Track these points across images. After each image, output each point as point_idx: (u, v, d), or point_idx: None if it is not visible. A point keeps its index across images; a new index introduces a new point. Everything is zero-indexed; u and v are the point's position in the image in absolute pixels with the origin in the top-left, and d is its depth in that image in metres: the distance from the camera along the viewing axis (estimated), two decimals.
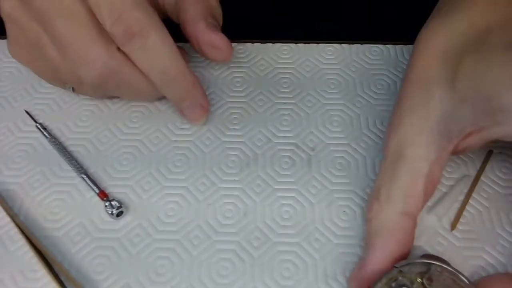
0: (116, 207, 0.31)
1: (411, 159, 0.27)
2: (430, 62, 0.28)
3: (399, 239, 0.27)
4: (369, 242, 0.28)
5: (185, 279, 0.29)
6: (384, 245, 0.27)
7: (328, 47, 0.41)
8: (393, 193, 0.27)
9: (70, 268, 0.30)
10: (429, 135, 0.27)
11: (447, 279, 0.25)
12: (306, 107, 0.38)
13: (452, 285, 0.25)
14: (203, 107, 0.34)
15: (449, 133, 0.27)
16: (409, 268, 0.26)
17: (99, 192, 0.32)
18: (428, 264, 0.26)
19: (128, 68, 0.31)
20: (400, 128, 0.28)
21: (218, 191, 0.33)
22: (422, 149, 0.27)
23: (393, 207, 0.27)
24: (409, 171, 0.27)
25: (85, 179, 0.33)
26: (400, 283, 0.25)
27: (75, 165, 0.34)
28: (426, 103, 0.28)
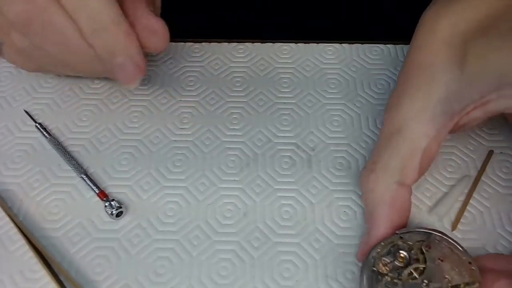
0: (116, 207, 0.31)
1: (410, 134, 0.28)
2: (435, 46, 0.28)
3: (398, 208, 0.28)
4: (370, 213, 0.28)
5: (185, 279, 0.29)
6: (385, 215, 0.28)
7: (328, 47, 0.41)
8: (390, 165, 0.28)
9: (69, 269, 0.30)
10: (431, 113, 0.28)
11: (445, 247, 0.26)
12: (306, 107, 0.38)
13: (449, 253, 0.26)
14: (139, 66, 0.30)
15: (452, 111, 0.28)
16: (410, 236, 0.27)
17: (98, 192, 0.32)
18: (428, 233, 0.27)
19: (54, 7, 0.28)
20: (401, 106, 0.29)
21: (218, 191, 0.33)
22: (422, 125, 0.28)
23: (390, 178, 0.28)
24: (407, 145, 0.28)
25: (84, 179, 0.33)
26: (399, 247, 0.26)
27: (75, 165, 0.34)
28: (430, 84, 0.28)
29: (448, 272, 0.25)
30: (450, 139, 0.36)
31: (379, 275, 0.25)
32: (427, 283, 0.25)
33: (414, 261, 0.26)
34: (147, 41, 0.31)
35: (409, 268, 0.25)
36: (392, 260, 0.26)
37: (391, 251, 0.26)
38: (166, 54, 0.41)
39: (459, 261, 0.26)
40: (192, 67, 0.40)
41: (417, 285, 0.25)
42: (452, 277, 0.25)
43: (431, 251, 0.26)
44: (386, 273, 0.25)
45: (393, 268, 0.26)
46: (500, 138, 0.36)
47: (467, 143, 0.35)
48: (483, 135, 0.36)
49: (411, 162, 0.28)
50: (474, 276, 0.25)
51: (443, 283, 0.25)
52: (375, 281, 0.25)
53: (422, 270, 0.25)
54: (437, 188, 0.33)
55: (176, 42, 0.42)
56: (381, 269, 0.26)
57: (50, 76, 0.39)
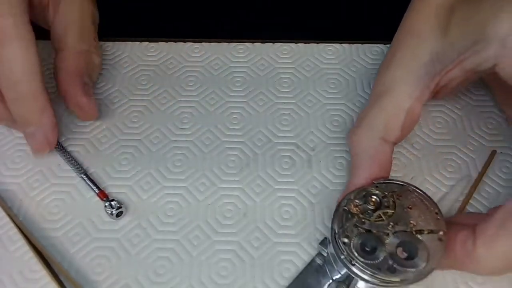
0: (116, 207, 0.31)
1: (396, 95, 0.30)
2: (425, 14, 0.31)
3: (379, 161, 0.30)
4: (353, 165, 0.31)
5: (185, 279, 0.29)
6: (366, 166, 0.30)
7: (328, 47, 0.41)
8: (375, 121, 0.30)
9: (69, 269, 0.30)
10: (416, 75, 0.30)
11: (415, 198, 0.28)
12: (306, 107, 0.37)
13: (418, 203, 0.28)
14: (48, 140, 0.32)
15: (434, 72, 0.30)
16: (386, 186, 0.29)
17: (98, 192, 0.32)
18: (402, 185, 0.29)
19: None
20: (391, 68, 0.31)
21: (218, 191, 0.33)
22: (408, 86, 0.30)
23: (374, 133, 0.30)
24: (392, 105, 0.30)
25: (84, 179, 0.33)
26: (372, 193, 0.28)
27: (75, 165, 0.34)
28: (418, 48, 0.30)
29: (414, 218, 0.27)
30: (450, 139, 0.36)
31: (350, 214, 0.27)
32: (392, 225, 0.27)
33: (385, 207, 0.28)
34: (77, 114, 0.34)
35: (379, 211, 0.27)
36: (363, 203, 0.28)
37: (365, 196, 0.28)
38: (166, 54, 0.41)
39: (426, 210, 0.28)
40: (192, 67, 0.40)
41: (383, 226, 0.27)
42: (417, 223, 0.27)
43: (401, 199, 0.28)
44: (356, 213, 0.27)
45: (364, 210, 0.28)
46: (501, 138, 0.36)
47: (467, 143, 0.35)
48: (483, 135, 0.36)
49: (395, 120, 0.30)
50: (439, 225, 0.27)
51: (407, 227, 0.27)
52: (345, 220, 0.27)
53: (391, 214, 0.27)
54: (437, 188, 0.33)
55: (176, 42, 0.42)
56: (352, 209, 0.28)
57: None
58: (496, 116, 0.37)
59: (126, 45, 0.41)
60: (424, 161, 0.34)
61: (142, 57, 0.41)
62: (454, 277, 0.29)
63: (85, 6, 0.37)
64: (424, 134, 0.36)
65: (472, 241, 0.26)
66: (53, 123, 0.32)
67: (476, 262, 0.26)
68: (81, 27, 0.36)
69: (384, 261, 0.26)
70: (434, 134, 0.36)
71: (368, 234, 0.27)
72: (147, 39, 0.42)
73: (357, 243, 0.26)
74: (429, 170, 0.34)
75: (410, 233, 0.27)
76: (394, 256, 0.26)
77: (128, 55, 0.41)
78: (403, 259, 0.26)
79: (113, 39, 0.42)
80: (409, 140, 0.35)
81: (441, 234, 0.27)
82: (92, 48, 0.36)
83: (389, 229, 0.27)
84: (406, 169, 0.34)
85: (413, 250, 0.26)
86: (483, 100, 0.38)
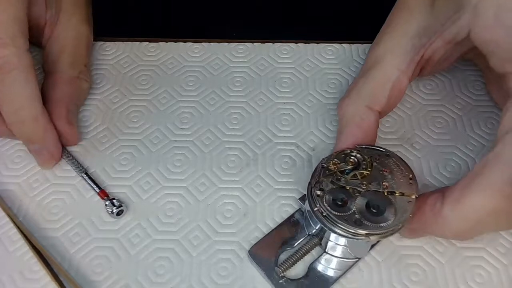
0: (117, 206, 0.31)
1: (384, 67, 0.32)
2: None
3: (364, 129, 0.31)
4: (339, 131, 0.32)
5: (185, 279, 0.29)
6: (351, 132, 0.31)
7: (328, 47, 0.41)
8: (363, 91, 0.32)
9: (69, 269, 0.30)
10: (404, 48, 0.32)
11: (392, 162, 0.30)
12: (306, 107, 0.37)
13: (394, 167, 0.29)
14: (53, 156, 0.33)
15: (420, 46, 0.31)
16: (367, 151, 0.30)
17: (99, 191, 0.32)
18: (382, 150, 0.30)
19: None
20: (381, 42, 0.33)
21: (218, 191, 0.33)
22: (395, 59, 0.32)
23: (360, 101, 0.32)
24: (380, 75, 0.32)
25: (85, 178, 0.33)
26: (352, 155, 0.30)
27: (75, 164, 0.34)
28: (407, 23, 0.32)
29: (388, 180, 0.29)
30: (450, 139, 0.36)
31: (327, 171, 0.29)
32: (366, 184, 0.28)
33: (362, 168, 0.29)
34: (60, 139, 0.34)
35: (355, 171, 0.29)
36: (342, 162, 0.29)
37: (344, 156, 0.30)
38: (166, 54, 0.41)
39: (401, 174, 0.29)
40: (192, 67, 0.40)
41: (357, 184, 0.28)
42: (390, 185, 0.28)
43: (379, 163, 0.29)
44: (334, 171, 0.29)
45: (342, 169, 0.29)
46: None
47: (467, 143, 0.35)
48: (484, 135, 0.36)
49: (381, 90, 0.32)
50: (411, 189, 0.28)
51: (380, 187, 0.28)
52: (323, 175, 0.29)
53: (366, 175, 0.29)
54: (437, 188, 0.33)
55: (176, 42, 0.42)
56: (331, 166, 0.29)
57: None
58: (496, 116, 0.37)
59: (126, 45, 0.41)
60: (424, 161, 0.34)
61: (142, 57, 0.41)
62: (454, 277, 0.29)
63: (81, 30, 0.37)
64: (424, 134, 0.36)
65: (441, 203, 0.27)
66: (55, 139, 0.33)
67: (442, 223, 0.27)
68: (74, 53, 0.36)
69: (352, 215, 0.27)
70: (434, 134, 0.36)
71: (341, 190, 0.28)
72: (147, 39, 0.42)
73: (330, 197, 0.28)
74: (429, 170, 0.34)
75: (381, 193, 0.28)
76: (362, 211, 0.27)
77: (128, 55, 0.41)
78: (371, 215, 0.27)
79: (113, 39, 0.42)
80: (409, 140, 0.35)
81: (412, 198, 0.28)
82: (82, 74, 0.36)
83: (362, 188, 0.28)
84: None
85: (381, 208, 0.27)
86: (483, 100, 0.38)
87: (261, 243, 0.30)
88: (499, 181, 0.25)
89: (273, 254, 0.30)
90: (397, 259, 0.30)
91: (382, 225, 0.27)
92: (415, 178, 0.29)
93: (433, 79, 0.39)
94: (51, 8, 0.35)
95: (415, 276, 0.29)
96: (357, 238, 0.27)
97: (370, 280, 0.29)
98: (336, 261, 0.29)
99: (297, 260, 0.29)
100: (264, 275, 0.29)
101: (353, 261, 0.29)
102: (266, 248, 0.30)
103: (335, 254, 0.29)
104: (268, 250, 0.30)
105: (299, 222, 0.31)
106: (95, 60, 0.40)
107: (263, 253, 0.30)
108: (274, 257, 0.30)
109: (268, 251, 0.30)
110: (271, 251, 0.30)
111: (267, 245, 0.30)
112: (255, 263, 0.29)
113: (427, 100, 0.38)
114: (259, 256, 0.30)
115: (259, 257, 0.30)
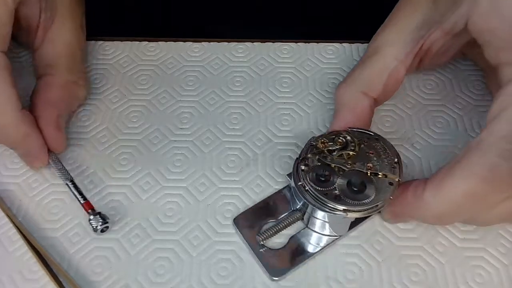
0: (101, 222, 0.29)
1: (384, 55, 0.32)
2: None
3: (358, 113, 0.32)
4: (334, 114, 0.33)
5: (185, 279, 0.29)
6: (345, 116, 0.32)
7: (328, 46, 0.41)
8: (360, 77, 0.33)
9: (68, 269, 0.29)
10: (404, 40, 0.32)
11: (379, 146, 0.30)
12: (307, 107, 0.37)
13: (381, 151, 0.30)
14: (38, 159, 0.33)
15: (420, 37, 0.32)
16: (359, 134, 0.31)
17: (83, 203, 0.30)
18: (372, 135, 0.31)
19: None
20: (382, 33, 0.33)
21: (218, 191, 0.33)
22: (394, 49, 0.32)
23: (356, 87, 0.32)
24: (377, 63, 0.32)
25: (70, 187, 0.31)
26: (341, 136, 0.31)
27: (61, 170, 0.32)
28: (410, 15, 0.32)
29: (372, 162, 0.30)
30: (450, 139, 0.36)
31: (315, 149, 0.30)
32: (350, 163, 0.29)
33: (350, 149, 0.30)
34: None
35: (342, 152, 0.30)
36: (330, 142, 0.30)
37: (334, 136, 0.31)
38: (166, 53, 0.41)
39: (386, 158, 0.30)
40: (192, 67, 0.40)
41: (342, 163, 0.29)
42: (374, 166, 0.29)
43: (366, 145, 0.30)
44: (322, 149, 0.30)
45: (329, 148, 0.30)
46: None
47: (467, 143, 0.35)
48: None
49: (378, 77, 0.32)
50: (395, 173, 0.29)
51: (364, 167, 0.29)
52: (310, 152, 0.30)
53: (352, 156, 0.30)
54: None
55: (176, 42, 0.42)
56: (319, 145, 0.30)
57: None
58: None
59: (126, 45, 0.41)
60: (424, 161, 0.34)
61: (142, 57, 0.41)
62: (454, 277, 0.29)
63: (77, 35, 0.36)
64: (424, 134, 0.36)
65: (422, 188, 0.28)
66: (39, 144, 0.32)
67: (424, 207, 0.27)
68: (71, 56, 0.36)
69: (333, 190, 0.28)
70: (434, 134, 0.36)
71: (326, 167, 0.29)
72: (147, 39, 0.42)
73: (314, 173, 0.29)
74: (429, 170, 0.34)
75: (364, 173, 0.29)
76: (343, 188, 0.28)
77: (127, 54, 0.41)
78: (351, 192, 0.28)
79: (113, 39, 0.42)
80: (409, 140, 0.35)
81: (395, 180, 0.29)
82: (81, 80, 0.36)
83: (346, 167, 0.29)
84: (406, 169, 0.34)
85: (362, 187, 0.28)
86: (484, 100, 0.38)
87: (246, 213, 0.31)
88: (479, 165, 0.26)
89: (256, 225, 0.31)
90: (397, 259, 0.30)
91: (361, 203, 0.28)
92: (400, 163, 0.30)
93: (433, 79, 0.39)
94: (46, 11, 0.34)
95: (415, 276, 0.29)
96: (335, 213, 0.28)
97: (370, 280, 0.29)
98: (315, 236, 0.30)
99: (278, 231, 0.30)
100: (246, 243, 0.30)
101: (332, 238, 0.30)
102: (251, 218, 0.31)
103: (315, 229, 0.30)
104: (252, 221, 0.31)
105: (286, 197, 0.32)
106: (94, 60, 0.40)
107: (247, 223, 0.31)
108: (258, 227, 0.31)
109: (252, 222, 0.31)
110: (255, 221, 0.31)
111: (252, 216, 0.31)
112: (239, 231, 0.30)
113: (427, 100, 0.38)
114: (243, 225, 0.31)
115: (243, 226, 0.31)
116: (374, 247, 0.30)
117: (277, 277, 0.29)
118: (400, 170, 0.29)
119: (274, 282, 0.29)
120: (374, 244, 0.30)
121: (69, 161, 0.34)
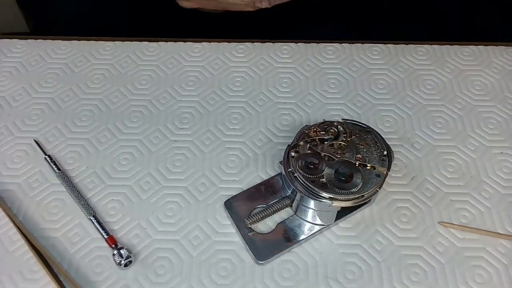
0: (125, 257, 0.29)
1: None
2: None
3: None
4: None
5: (185, 279, 0.29)
6: None
7: (328, 47, 0.41)
8: None
9: (69, 269, 0.29)
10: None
11: (370, 138, 0.31)
12: (307, 107, 0.37)
13: (371, 143, 0.31)
14: None
15: None
16: (351, 125, 0.32)
17: (107, 237, 0.30)
18: (364, 127, 0.31)
19: None
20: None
21: (218, 191, 0.33)
22: None
23: None
24: None
25: (93, 221, 0.31)
26: (333, 126, 0.31)
27: (84, 205, 0.32)
28: None
29: (362, 153, 0.30)
30: (450, 139, 0.36)
31: (307, 137, 0.31)
32: (340, 153, 0.30)
33: (341, 140, 0.30)
34: None
35: (333, 142, 0.30)
36: (322, 131, 0.31)
37: (327, 126, 0.31)
38: (166, 54, 0.41)
39: (376, 150, 0.30)
40: (192, 67, 0.40)
41: (332, 152, 0.30)
42: (362, 157, 0.30)
43: (357, 137, 0.31)
44: (313, 138, 0.31)
45: (321, 137, 0.30)
46: (501, 138, 0.36)
47: (467, 143, 0.35)
48: (483, 135, 0.36)
49: None
50: (383, 165, 0.30)
51: (353, 158, 0.30)
52: (302, 140, 0.31)
53: (342, 146, 0.30)
54: (437, 188, 0.33)
55: (176, 42, 0.42)
56: (311, 134, 0.31)
57: (50, 76, 0.39)
58: (496, 116, 0.37)
59: (126, 45, 0.41)
60: (424, 161, 0.34)
61: (142, 57, 0.41)
62: (454, 277, 0.29)
63: None
64: (424, 134, 0.36)
65: None
66: None
67: None
68: None
69: (320, 178, 0.29)
70: (434, 134, 0.36)
71: (316, 155, 0.30)
72: (147, 39, 0.42)
73: (304, 160, 0.29)
74: (429, 170, 0.34)
75: (353, 163, 0.29)
76: (331, 176, 0.29)
77: (128, 55, 0.41)
78: (338, 181, 0.29)
79: (113, 39, 0.42)
80: (409, 140, 0.35)
81: (383, 173, 0.29)
82: None
83: (336, 156, 0.30)
84: (406, 169, 0.34)
85: (349, 177, 0.29)
86: (483, 100, 0.38)
87: (238, 197, 0.32)
88: None
89: (246, 209, 0.31)
90: (397, 259, 0.30)
91: (347, 192, 0.28)
92: (390, 156, 0.30)
93: (434, 79, 0.39)
94: None
95: (415, 276, 0.29)
96: (321, 201, 0.28)
97: (370, 280, 0.29)
98: (303, 223, 0.31)
99: (266, 216, 0.31)
100: (235, 226, 0.31)
101: (319, 227, 0.31)
102: (242, 203, 0.32)
103: (302, 217, 0.31)
104: (243, 205, 0.32)
105: (278, 184, 0.33)
106: (95, 60, 0.40)
107: (237, 206, 0.32)
108: (247, 211, 0.31)
109: (243, 206, 0.32)
110: (246, 206, 0.32)
111: (243, 200, 0.32)
112: (229, 213, 0.31)
113: (427, 100, 0.38)
114: (233, 208, 0.32)
115: (233, 209, 0.31)
116: (374, 247, 0.30)
117: (262, 260, 0.29)
118: (389, 163, 0.30)
119: (274, 282, 0.29)
120: (374, 244, 0.31)
121: (69, 161, 0.34)
